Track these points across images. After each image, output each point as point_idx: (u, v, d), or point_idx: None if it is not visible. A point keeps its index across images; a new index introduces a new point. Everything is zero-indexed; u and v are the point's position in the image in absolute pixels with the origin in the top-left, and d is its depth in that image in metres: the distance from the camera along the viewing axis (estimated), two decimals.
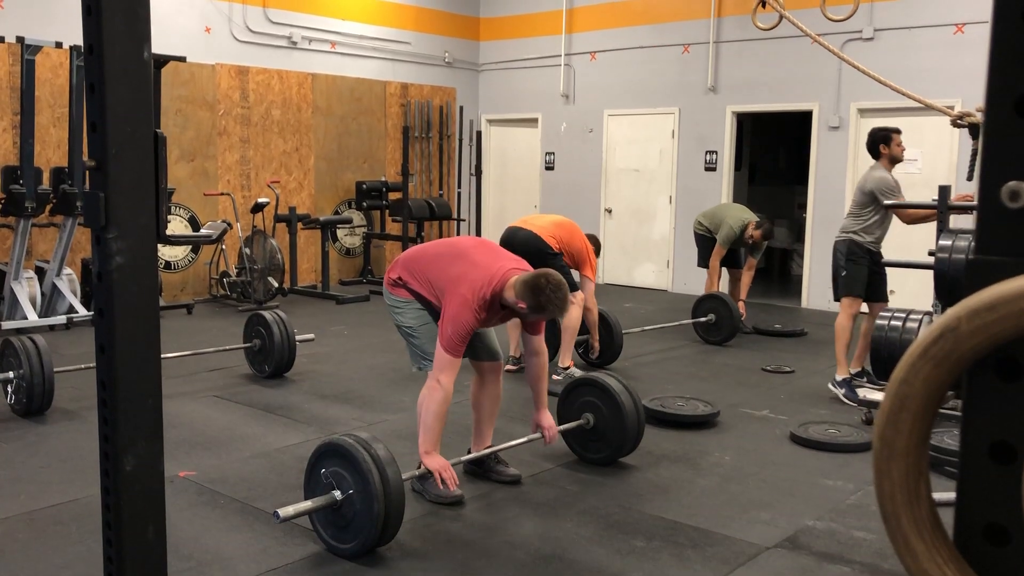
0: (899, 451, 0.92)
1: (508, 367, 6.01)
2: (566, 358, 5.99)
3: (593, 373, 4.53)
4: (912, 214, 5.72)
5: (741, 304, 7.80)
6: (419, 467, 3.74)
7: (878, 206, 5.68)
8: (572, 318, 5.94)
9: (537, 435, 4.08)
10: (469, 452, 4.17)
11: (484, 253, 3.84)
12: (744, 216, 7.64)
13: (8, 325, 7.14)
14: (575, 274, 5.98)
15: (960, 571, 0.93)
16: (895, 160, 5.82)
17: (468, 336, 3.63)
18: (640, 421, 4.30)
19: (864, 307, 5.92)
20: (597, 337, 6.38)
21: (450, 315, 3.61)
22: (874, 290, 5.88)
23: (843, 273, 5.78)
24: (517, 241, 5.76)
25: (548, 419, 4.07)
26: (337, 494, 3.22)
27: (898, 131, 5.90)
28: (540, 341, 3.97)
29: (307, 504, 3.23)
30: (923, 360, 0.92)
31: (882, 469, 0.95)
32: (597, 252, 6.32)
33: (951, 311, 0.92)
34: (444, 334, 3.62)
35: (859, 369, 5.93)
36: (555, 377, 5.93)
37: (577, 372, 5.92)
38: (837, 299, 5.90)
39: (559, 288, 3.53)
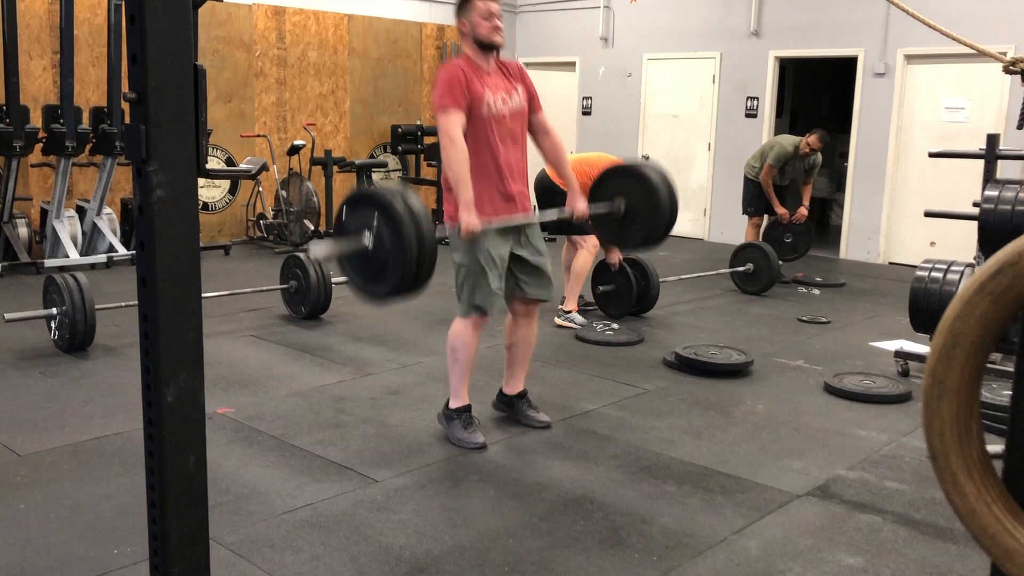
0: (951, 388, 0.89)
1: (558, 322, 6.01)
2: (571, 301, 6.05)
3: (626, 162, 4.27)
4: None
5: (803, 209, 7.72)
6: (446, 408, 3.79)
7: None
8: (580, 263, 5.98)
9: (567, 214, 3.95)
10: (500, 392, 4.19)
11: None
12: (796, 139, 7.52)
13: (50, 263, 7.27)
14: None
15: (1010, 510, 0.91)
16: None
17: (453, 87, 3.57)
18: (674, 204, 4.03)
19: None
20: (614, 255, 6.27)
21: (436, 87, 3.65)
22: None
23: None
24: (536, 182, 5.88)
25: (582, 205, 3.91)
26: (368, 241, 2.98)
27: None
28: (544, 118, 3.95)
29: (339, 247, 3.02)
30: (980, 295, 0.89)
31: (932, 406, 0.93)
32: None
33: (1012, 245, 0.89)
34: (433, 101, 3.66)
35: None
36: (557, 320, 5.98)
37: (579, 318, 5.96)
38: None
39: None
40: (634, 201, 3.98)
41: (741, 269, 7.35)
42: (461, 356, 3.84)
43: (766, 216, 7.97)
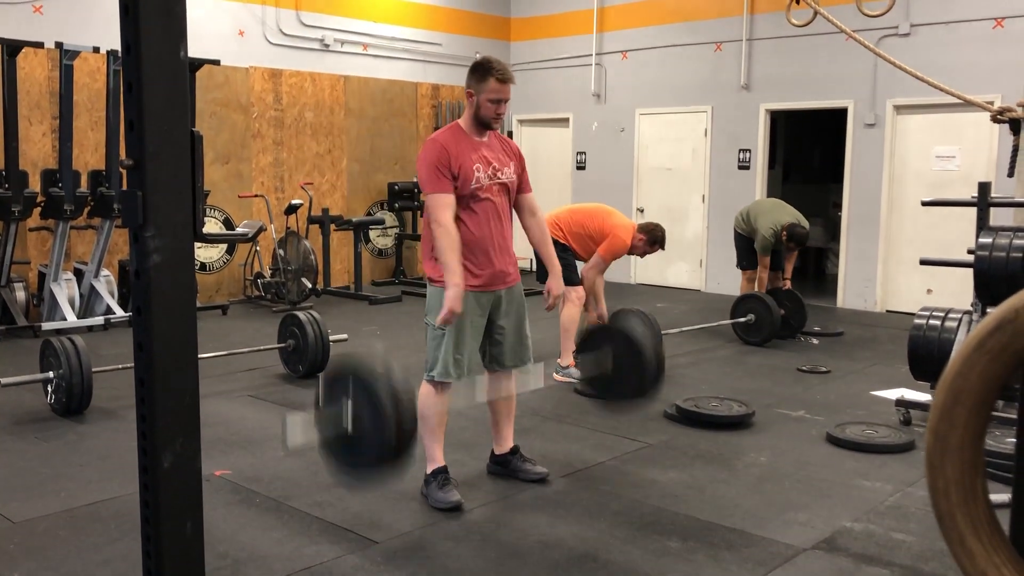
0: (954, 447, 0.88)
1: (557, 377, 6.00)
2: (567, 356, 6.01)
3: (611, 322, 4.22)
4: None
5: (787, 282, 7.70)
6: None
7: None
8: (566, 315, 5.96)
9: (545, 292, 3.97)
10: (492, 454, 4.16)
11: None
12: (777, 219, 7.48)
13: (48, 326, 7.26)
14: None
15: (1020, 572, 0.89)
16: None
17: (439, 168, 3.61)
18: (660, 361, 3.91)
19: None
20: (597, 307, 6.30)
21: (420, 166, 3.71)
22: None
23: None
24: None
25: (558, 287, 3.95)
26: (347, 423, 2.89)
27: None
28: (532, 199, 3.96)
29: (316, 434, 2.94)
30: (979, 353, 0.89)
31: (936, 465, 0.91)
32: (653, 242, 6.18)
33: (1008, 302, 0.88)
34: (419, 179, 3.74)
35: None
36: (556, 376, 5.95)
37: (577, 371, 5.93)
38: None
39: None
40: (621, 358, 3.89)
41: (742, 320, 7.34)
42: (429, 419, 3.76)
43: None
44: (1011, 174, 4.74)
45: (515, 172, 3.85)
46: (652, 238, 6.17)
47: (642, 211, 10.91)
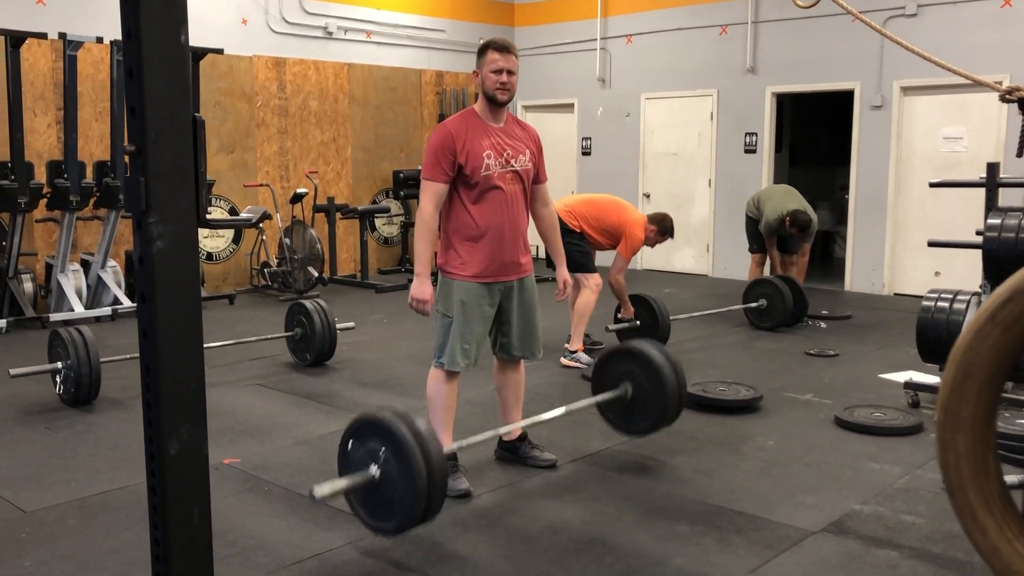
0: (965, 421, 0.87)
1: (564, 361, 6.00)
2: (576, 341, 6.03)
3: (626, 343, 4.22)
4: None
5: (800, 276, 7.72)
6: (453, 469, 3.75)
7: None
8: (583, 302, 5.98)
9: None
10: (500, 440, 4.14)
11: None
12: (783, 206, 7.48)
13: (55, 317, 7.28)
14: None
15: None
16: None
17: (439, 156, 3.63)
18: (681, 388, 3.94)
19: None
20: (628, 307, 6.43)
21: (425, 151, 3.74)
22: None
23: None
24: None
25: (566, 276, 4.04)
26: (375, 472, 2.86)
27: None
28: (546, 190, 3.96)
29: (343, 482, 2.87)
30: (991, 325, 0.87)
31: (946, 440, 0.90)
32: (664, 232, 6.24)
33: (1021, 273, 0.87)
34: (423, 164, 3.74)
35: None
36: (563, 360, 5.96)
37: (585, 357, 5.93)
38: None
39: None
40: (640, 386, 3.95)
41: (754, 305, 7.31)
42: (437, 406, 3.78)
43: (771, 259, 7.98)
44: (1020, 154, 4.69)
45: (531, 160, 3.80)
46: (662, 228, 6.23)
47: (648, 196, 10.87)
